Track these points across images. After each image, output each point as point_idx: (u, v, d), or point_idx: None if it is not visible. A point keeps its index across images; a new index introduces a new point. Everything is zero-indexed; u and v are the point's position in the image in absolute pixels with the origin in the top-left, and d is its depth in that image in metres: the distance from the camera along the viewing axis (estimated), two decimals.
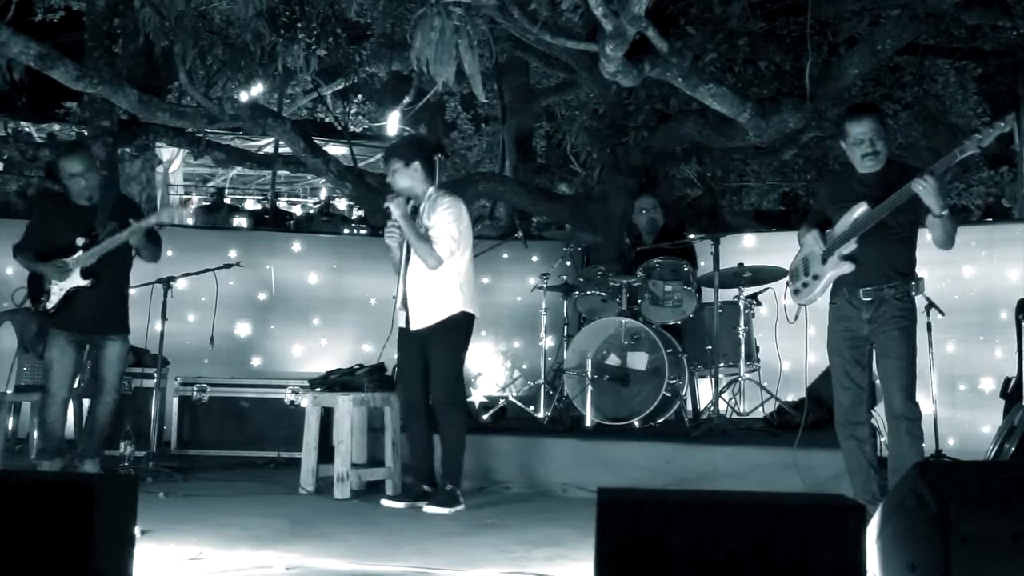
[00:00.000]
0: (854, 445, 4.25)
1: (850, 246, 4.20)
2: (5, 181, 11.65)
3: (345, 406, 5.30)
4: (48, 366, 5.35)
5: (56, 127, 12.46)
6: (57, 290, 5.31)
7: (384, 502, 5.04)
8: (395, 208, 4.92)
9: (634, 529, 2.22)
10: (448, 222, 4.94)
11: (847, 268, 4.22)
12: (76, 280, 5.30)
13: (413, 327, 4.98)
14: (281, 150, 10.50)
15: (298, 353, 8.01)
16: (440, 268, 4.92)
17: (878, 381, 4.39)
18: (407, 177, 5.02)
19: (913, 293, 4.23)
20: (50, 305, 5.32)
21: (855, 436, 4.25)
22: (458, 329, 4.99)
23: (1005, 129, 3.91)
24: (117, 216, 5.39)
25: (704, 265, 6.70)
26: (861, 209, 4.18)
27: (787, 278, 4.60)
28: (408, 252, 5.01)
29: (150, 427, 5.96)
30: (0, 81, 7.61)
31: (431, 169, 5.09)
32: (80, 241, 5.31)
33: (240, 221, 14.01)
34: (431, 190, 5.06)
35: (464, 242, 5.02)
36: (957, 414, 6.69)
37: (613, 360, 6.06)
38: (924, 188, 3.92)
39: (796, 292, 4.48)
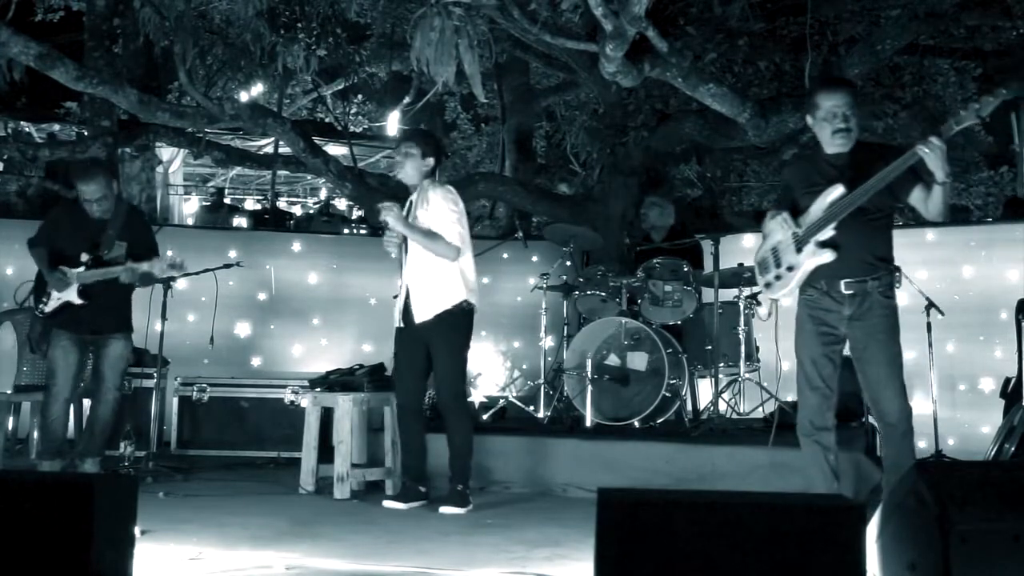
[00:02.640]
0: (818, 452, 3.93)
1: (827, 232, 3.85)
2: (5, 181, 11.65)
3: (345, 406, 5.30)
4: (51, 364, 5.39)
5: (56, 127, 12.45)
6: (55, 298, 5.38)
7: (386, 503, 5.04)
8: (392, 219, 4.90)
9: (634, 529, 2.22)
10: (449, 210, 4.93)
11: (828, 256, 3.85)
12: (72, 295, 5.35)
13: (417, 320, 4.95)
14: (281, 150, 10.50)
15: (298, 353, 8.01)
16: (442, 258, 4.91)
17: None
18: (415, 167, 4.99)
19: (897, 286, 4.00)
20: (47, 310, 5.39)
21: (820, 442, 3.93)
22: (461, 325, 4.97)
23: (1007, 96, 3.71)
24: (126, 234, 5.45)
25: (705, 265, 6.71)
26: (837, 191, 3.83)
27: (756, 270, 4.22)
28: (405, 250, 5.01)
29: (150, 427, 5.96)
30: (0, 81, 7.61)
31: (435, 169, 5.09)
32: (84, 257, 5.36)
33: (240, 221, 14.00)
34: (426, 183, 5.03)
35: (464, 227, 5.01)
36: (957, 414, 6.69)
37: (613, 360, 6.06)
38: (932, 151, 3.58)
39: (768, 285, 4.10)
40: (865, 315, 3.90)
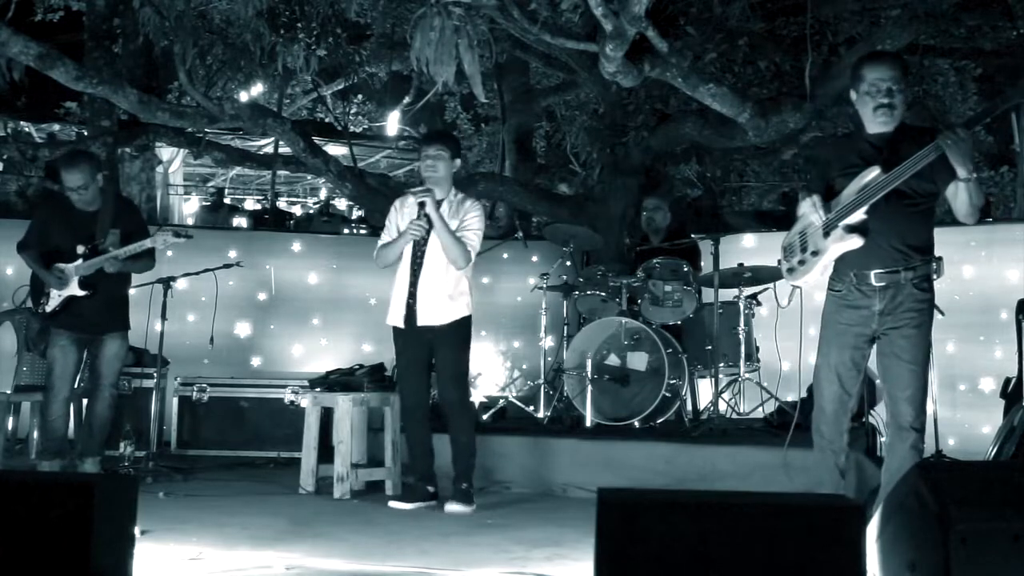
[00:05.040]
0: (829, 456, 3.78)
1: (858, 216, 3.54)
2: (5, 181, 11.66)
3: (345, 406, 5.30)
4: (51, 364, 5.40)
5: (56, 127, 12.46)
6: (56, 295, 5.38)
7: (392, 504, 5.05)
8: (430, 204, 4.95)
9: (634, 529, 2.22)
10: (478, 227, 5.07)
11: (855, 242, 3.55)
12: (74, 290, 5.36)
13: (421, 322, 4.99)
14: (281, 150, 10.49)
15: (298, 353, 8.00)
16: (453, 262, 4.99)
17: (878, 381, 4.16)
18: (447, 169, 5.09)
19: (934, 277, 3.64)
20: (48, 309, 5.39)
21: (832, 447, 3.77)
22: (467, 331, 5.08)
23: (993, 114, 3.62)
24: (118, 222, 5.44)
25: (705, 265, 6.71)
26: (873, 173, 3.52)
27: (781, 255, 3.91)
28: (422, 249, 5.03)
29: (150, 427, 5.96)
30: (0, 81, 7.61)
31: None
32: (80, 249, 5.37)
33: (240, 221, 14.01)
34: (455, 190, 5.16)
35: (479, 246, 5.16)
36: (957, 414, 6.69)
37: (613, 360, 6.07)
38: (954, 143, 3.33)
39: (791, 271, 3.79)
40: (897, 308, 3.62)
